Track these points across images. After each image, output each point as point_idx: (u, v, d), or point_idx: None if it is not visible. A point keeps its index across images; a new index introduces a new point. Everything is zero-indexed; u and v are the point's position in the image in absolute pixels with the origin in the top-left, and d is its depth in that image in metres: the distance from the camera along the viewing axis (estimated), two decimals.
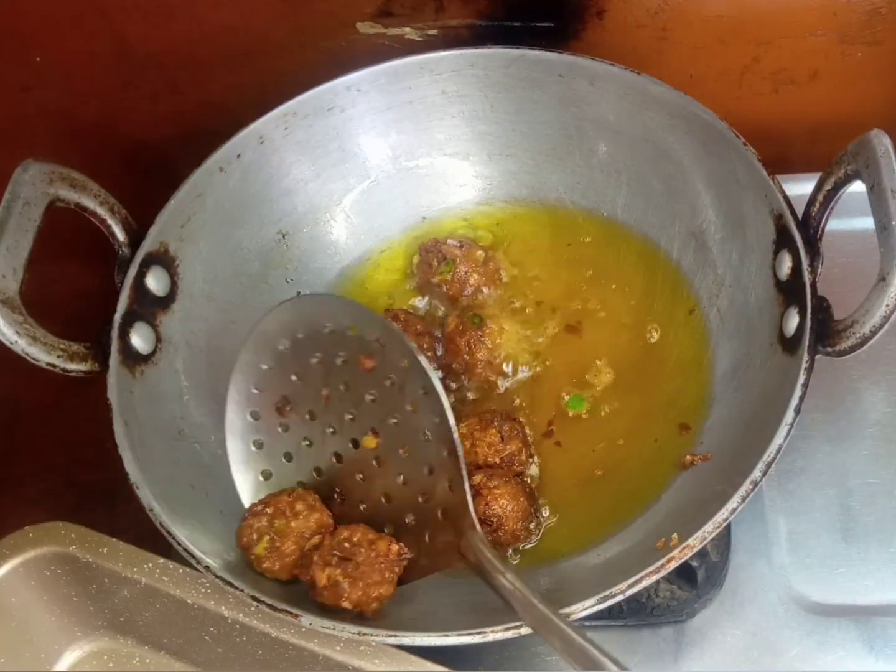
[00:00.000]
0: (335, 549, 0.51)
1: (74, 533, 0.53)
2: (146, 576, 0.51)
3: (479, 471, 0.58)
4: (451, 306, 0.69)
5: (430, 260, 0.69)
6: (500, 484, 0.57)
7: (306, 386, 0.55)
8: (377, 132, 0.70)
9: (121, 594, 0.53)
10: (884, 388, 0.67)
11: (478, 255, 0.68)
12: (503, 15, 0.70)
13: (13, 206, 0.54)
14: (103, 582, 0.53)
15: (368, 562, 0.50)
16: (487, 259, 0.69)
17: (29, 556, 0.53)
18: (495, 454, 0.59)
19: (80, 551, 0.52)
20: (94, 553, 0.52)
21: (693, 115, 0.63)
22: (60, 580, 0.54)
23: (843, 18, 0.69)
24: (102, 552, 0.52)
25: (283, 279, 0.69)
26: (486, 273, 0.69)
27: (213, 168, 0.64)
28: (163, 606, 0.52)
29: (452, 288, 0.68)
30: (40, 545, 0.53)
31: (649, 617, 0.60)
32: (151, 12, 0.68)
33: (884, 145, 0.51)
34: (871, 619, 0.59)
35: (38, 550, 0.53)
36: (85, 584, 0.54)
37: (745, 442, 0.55)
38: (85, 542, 0.52)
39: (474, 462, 0.59)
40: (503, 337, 0.67)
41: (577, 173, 0.71)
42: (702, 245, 0.66)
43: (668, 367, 0.65)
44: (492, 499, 0.56)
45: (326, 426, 0.55)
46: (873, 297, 0.49)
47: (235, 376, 0.56)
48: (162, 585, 0.51)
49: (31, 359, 0.54)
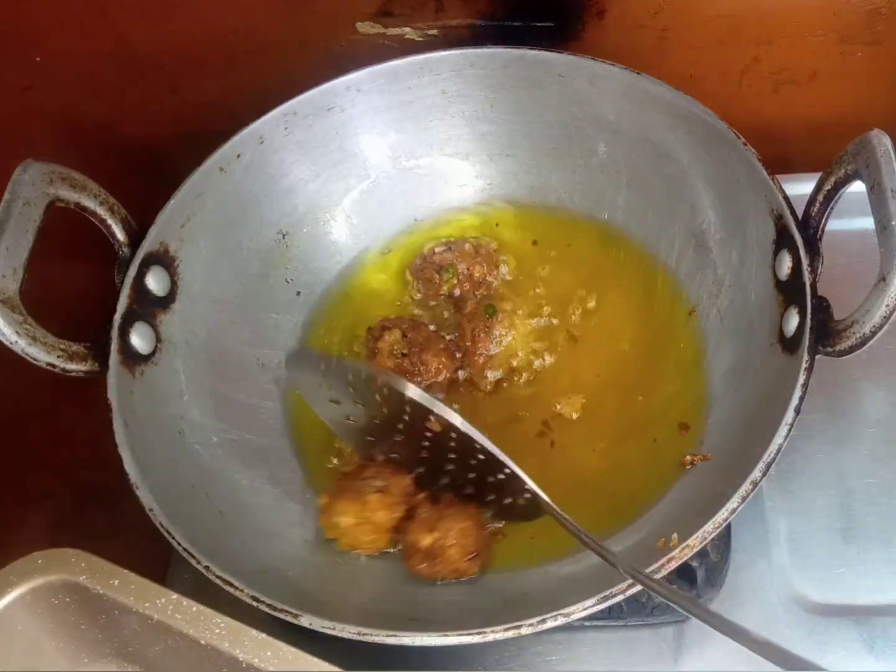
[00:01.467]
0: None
1: (85, 562, 0.51)
2: (158, 612, 0.50)
3: (435, 508, 0.58)
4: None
5: (428, 276, 0.69)
6: (453, 518, 0.56)
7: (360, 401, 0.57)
8: (377, 132, 0.70)
9: (131, 627, 0.51)
10: (884, 388, 0.67)
11: (467, 248, 0.69)
12: (503, 15, 0.70)
13: (13, 206, 0.54)
14: (113, 614, 0.51)
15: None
16: (478, 248, 0.70)
17: (37, 583, 0.51)
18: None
19: (90, 582, 0.51)
20: (105, 585, 0.50)
21: (693, 115, 0.63)
22: (69, 608, 0.52)
23: (843, 18, 0.69)
24: (113, 584, 0.50)
25: (283, 279, 0.69)
26: (485, 260, 0.69)
27: (213, 168, 0.64)
28: (174, 643, 0.50)
29: (463, 288, 0.68)
30: (49, 573, 0.51)
31: (649, 617, 0.59)
32: (151, 12, 0.68)
33: (884, 145, 0.51)
34: (871, 619, 0.59)
35: (46, 578, 0.51)
36: (94, 614, 0.52)
37: (745, 442, 0.55)
38: (95, 572, 0.51)
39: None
40: (510, 331, 0.67)
41: (577, 173, 0.71)
42: (702, 245, 0.66)
43: (668, 367, 0.65)
44: (440, 533, 0.56)
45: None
46: (873, 297, 0.49)
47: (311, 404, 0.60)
48: (174, 623, 0.49)
49: (31, 359, 0.54)
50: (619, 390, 0.64)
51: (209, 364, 0.63)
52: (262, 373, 0.66)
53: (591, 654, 0.59)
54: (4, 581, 0.51)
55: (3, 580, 0.51)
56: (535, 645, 0.60)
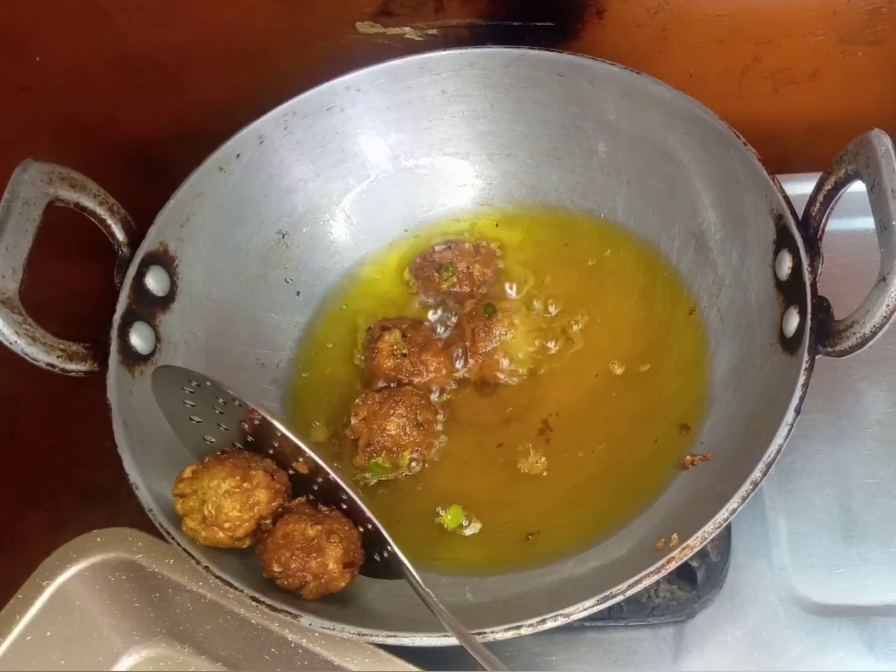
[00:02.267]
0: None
1: (142, 541, 0.52)
2: (211, 591, 0.51)
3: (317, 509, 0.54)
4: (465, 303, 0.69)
5: (428, 274, 0.69)
6: (338, 520, 0.53)
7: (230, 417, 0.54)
8: (377, 132, 0.70)
9: (183, 605, 0.52)
10: (884, 388, 0.67)
11: (466, 247, 0.70)
12: (503, 15, 0.70)
13: (13, 206, 0.54)
14: (167, 592, 0.52)
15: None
16: (477, 247, 0.70)
17: (95, 560, 0.52)
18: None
19: (146, 560, 0.52)
20: (161, 563, 0.52)
21: (693, 114, 0.63)
22: (124, 586, 0.54)
23: (843, 18, 0.69)
24: (168, 563, 0.51)
25: (283, 279, 0.69)
26: (484, 259, 0.69)
27: (212, 168, 0.64)
28: (225, 622, 0.52)
29: (463, 286, 0.69)
30: (107, 551, 0.53)
31: (649, 617, 0.59)
32: (151, 12, 0.68)
33: (884, 145, 0.51)
34: (871, 619, 0.59)
35: (104, 556, 0.53)
36: (148, 592, 0.54)
37: (745, 442, 0.55)
38: (151, 551, 0.52)
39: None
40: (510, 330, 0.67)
41: (577, 173, 0.71)
42: (702, 245, 0.66)
43: (668, 367, 0.64)
44: (324, 527, 0.52)
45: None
46: (873, 297, 0.49)
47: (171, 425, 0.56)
48: (227, 602, 0.51)
49: (31, 359, 0.54)
50: (619, 390, 0.64)
51: (209, 364, 0.63)
52: (261, 373, 0.66)
53: (591, 654, 0.59)
54: (65, 557, 0.53)
55: (64, 556, 0.53)
56: (535, 645, 0.60)
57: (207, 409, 0.53)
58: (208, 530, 0.50)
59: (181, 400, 0.53)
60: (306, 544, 0.50)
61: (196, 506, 0.51)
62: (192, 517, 0.51)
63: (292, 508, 0.52)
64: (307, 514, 0.52)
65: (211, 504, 0.50)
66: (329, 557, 0.50)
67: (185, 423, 0.55)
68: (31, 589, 0.52)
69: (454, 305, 0.69)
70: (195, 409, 0.54)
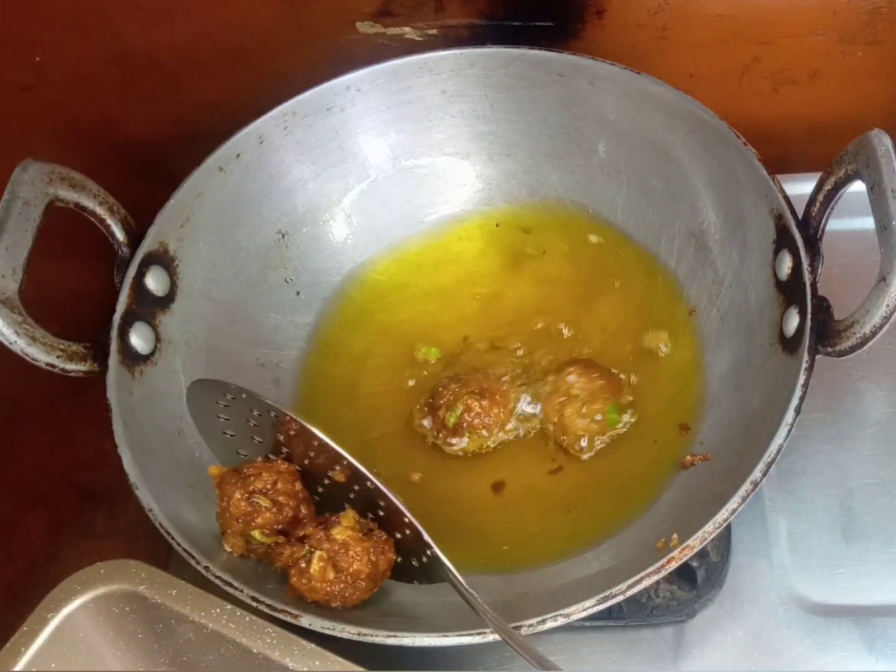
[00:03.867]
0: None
1: (145, 573, 0.52)
2: (213, 621, 0.51)
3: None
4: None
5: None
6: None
7: (265, 428, 0.54)
8: (377, 132, 0.70)
9: (186, 636, 0.53)
10: (884, 388, 0.67)
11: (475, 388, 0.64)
12: (503, 15, 0.70)
13: (13, 206, 0.54)
14: (170, 623, 0.53)
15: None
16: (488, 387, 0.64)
17: (99, 592, 0.53)
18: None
19: (149, 591, 0.52)
20: (164, 594, 0.52)
21: (693, 114, 0.63)
22: (128, 618, 0.54)
23: (843, 18, 0.69)
24: (171, 594, 0.52)
25: (283, 279, 0.69)
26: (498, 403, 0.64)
27: (212, 168, 0.64)
28: (227, 652, 0.52)
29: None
30: (111, 583, 0.53)
31: (649, 617, 0.59)
32: (151, 12, 0.68)
33: (884, 145, 0.51)
34: (871, 619, 0.59)
35: (108, 588, 0.53)
36: (151, 623, 0.54)
37: (745, 442, 0.55)
38: (155, 582, 0.52)
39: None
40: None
41: (577, 173, 0.71)
42: (702, 245, 0.66)
43: (668, 367, 0.64)
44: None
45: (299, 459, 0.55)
46: (873, 297, 0.49)
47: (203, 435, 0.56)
48: (228, 632, 0.51)
49: (31, 359, 0.54)
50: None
51: (209, 364, 0.63)
52: (261, 373, 0.66)
53: (591, 654, 0.59)
54: (69, 589, 0.53)
55: (68, 588, 0.53)
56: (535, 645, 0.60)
57: (241, 421, 0.54)
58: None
59: (216, 414, 0.54)
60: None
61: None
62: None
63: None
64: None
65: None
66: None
67: (218, 437, 0.55)
68: (35, 621, 0.53)
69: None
70: (229, 422, 0.54)
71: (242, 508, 0.52)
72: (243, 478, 0.53)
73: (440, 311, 0.70)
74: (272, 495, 0.53)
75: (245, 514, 0.52)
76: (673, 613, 0.59)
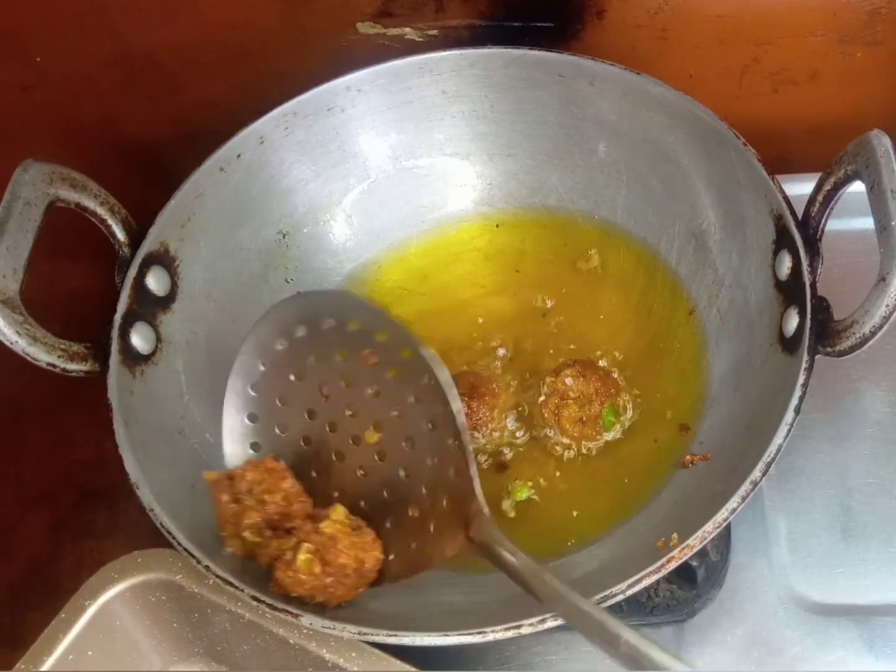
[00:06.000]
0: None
1: (181, 562, 0.53)
2: (250, 611, 0.51)
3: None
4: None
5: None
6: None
7: (305, 385, 0.54)
8: (377, 132, 0.70)
9: (221, 626, 0.53)
10: (884, 388, 0.67)
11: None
12: (503, 15, 0.70)
13: (13, 207, 0.54)
14: (205, 612, 0.53)
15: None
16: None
17: (136, 581, 0.53)
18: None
19: (186, 581, 0.53)
20: (200, 584, 0.52)
21: (693, 115, 0.63)
22: (164, 606, 0.54)
23: (843, 18, 0.69)
24: (208, 583, 0.52)
25: (284, 279, 0.69)
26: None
27: (213, 168, 0.64)
28: (263, 642, 0.52)
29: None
30: (148, 571, 0.53)
31: (649, 617, 0.59)
32: (151, 12, 0.68)
33: (884, 145, 0.51)
34: (871, 619, 0.59)
35: (145, 576, 0.53)
36: (187, 613, 0.54)
37: (745, 442, 0.55)
38: (192, 571, 0.53)
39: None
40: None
41: (577, 173, 0.71)
42: (702, 245, 0.66)
43: (668, 367, 0.65)
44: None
45: (325, 424, 0.54)
46: (873, 297, 0.49)
47: (233, 378, 0.55)
48: (265, 622, 0.51)
49: (32, 359, 0.54)
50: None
51: (209, 364, 0.63)
52: None
53: (591, 654, 0.59)
54: (107, 578, 0.53)
55: (106, 576, 0.54)
56: (535, 645, 0.60)
57: (285, 374, 0.53)
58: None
59: (263, 360, 0.54)
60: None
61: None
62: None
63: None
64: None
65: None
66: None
67: (242, 393, 0.55)
68: (74, 608, 0.53)
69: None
70: (265, 375, 0.54)
71: (232, 510, 0.52)
72: (231, 480, 0.53)
73: (440, 311, 0.70)
74: (258, 495, 0.52)
75: (234, 515, 0.52)
76: (673, 613, 0.59)
